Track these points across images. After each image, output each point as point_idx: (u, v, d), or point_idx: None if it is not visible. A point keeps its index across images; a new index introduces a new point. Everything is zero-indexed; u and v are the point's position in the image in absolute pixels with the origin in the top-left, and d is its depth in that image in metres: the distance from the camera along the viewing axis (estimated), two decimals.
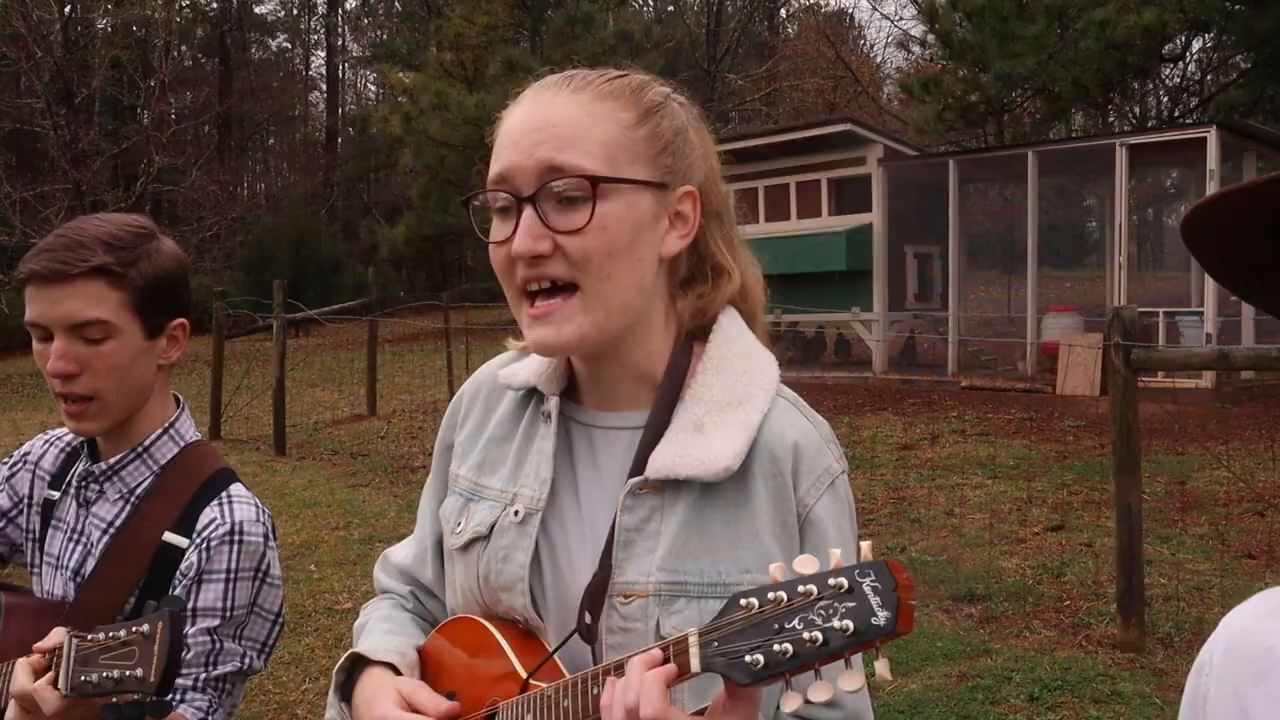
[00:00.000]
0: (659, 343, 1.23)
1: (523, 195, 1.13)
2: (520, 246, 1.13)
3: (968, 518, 7.15)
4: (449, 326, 13.58)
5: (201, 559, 1.61)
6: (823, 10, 36.02)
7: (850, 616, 0.87)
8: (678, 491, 1.16)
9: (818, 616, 0.88)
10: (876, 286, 14.07)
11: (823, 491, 1.19)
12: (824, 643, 0.87)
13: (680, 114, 1.22)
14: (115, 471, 1.68)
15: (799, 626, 0.89)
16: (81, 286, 1.59)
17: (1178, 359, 6.12)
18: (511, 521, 1.23)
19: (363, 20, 42.11)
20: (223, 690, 1.61)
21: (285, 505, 8.22)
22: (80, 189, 25.27)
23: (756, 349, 1.25)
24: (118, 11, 28.90)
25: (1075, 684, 4.43)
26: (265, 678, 4.74)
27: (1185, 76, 21.92)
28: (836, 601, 0.88)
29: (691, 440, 1.16)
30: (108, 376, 1.62)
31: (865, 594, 0.87)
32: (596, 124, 1.15)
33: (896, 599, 0.86)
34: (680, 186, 1.19)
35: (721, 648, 0.93)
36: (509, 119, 1.19)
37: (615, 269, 1.14)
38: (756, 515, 1.16)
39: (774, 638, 0.89)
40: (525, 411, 1.30)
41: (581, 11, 21.56)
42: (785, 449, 1.18)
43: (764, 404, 1.19)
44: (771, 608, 0.91)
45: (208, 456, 1.73)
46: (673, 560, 1.15)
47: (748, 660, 0.91)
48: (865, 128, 14.73)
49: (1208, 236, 0.86)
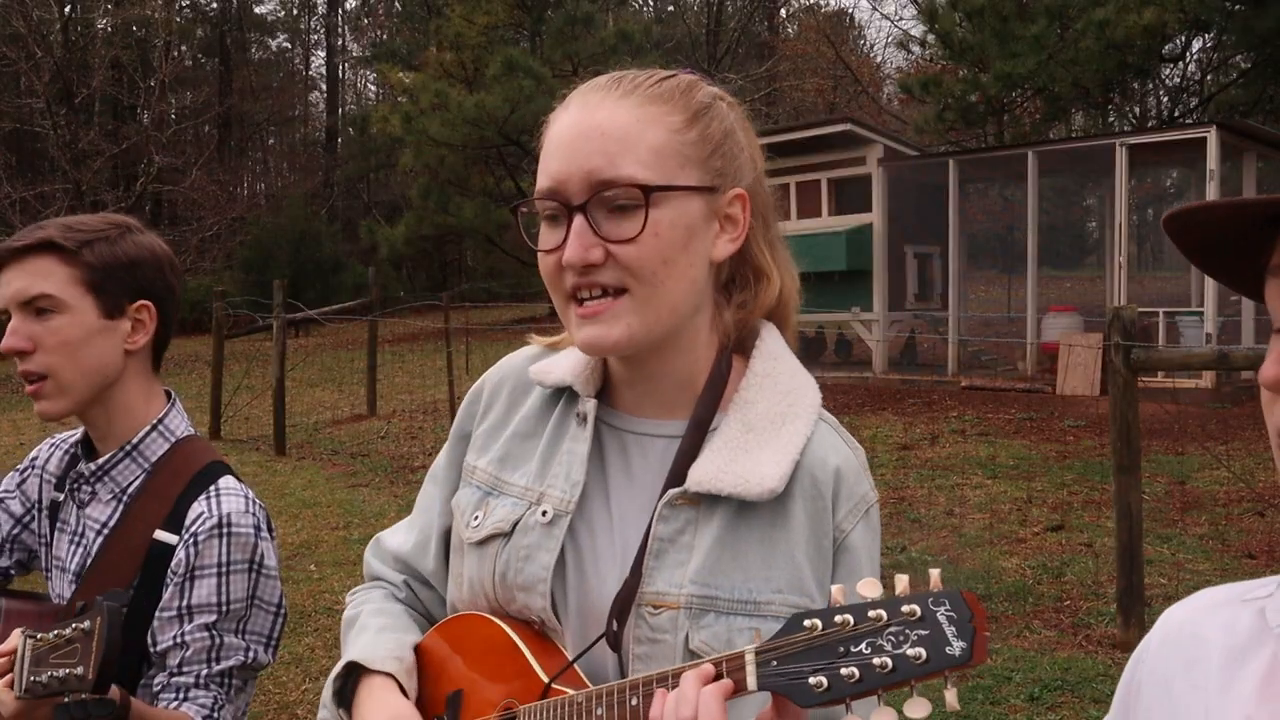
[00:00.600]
0: (703, 350, 1.21)
1: (573, 204, 1.12)
2: (572, 255, 1.11)
3: (968, 518, 7.15)
4: (449, 326, 13.57)
5: (190, 555, 1.58)
6: (823, 10, 36.04)
7: (923, 644, 0.86)
8: (714, 506, 1.15)
9: (887, 643, 0.87)
10: (876, 286, 14.07)
11: (859, 518, 1.20)
12: (893, 669, 0.87)
13: (728, 115, 1.21)
14: (105, 471, 1.67)
15: (867, 651, 0.88)
16: (31, 263, 1.61)
17: (1178, 359, 6.12)
18: (538, 521, 1.20)
19: (363, 20, 42.12)
20: (229, 686, 1.58)
21: (285, 505, 8.22)
22: (80, 189, 25.27)
23: (799, 369, 1.24)
24: (118, 11, 28.86)
25: (1075, 684, 4.43)
26: (265, 678, 4.74)
27: (1185, 76, 21.93)
28: (908, 629, 0.87)
29: (735, 457, 1.14)
30: (59, 353, 1.60)
31: (939, 622, 0.86)
32: (646, 130, 1.13)
33: (972, 630, 0.85)
34: (730, 189, 1.18)
35: (780, 667, 0.92)
36: (557, 124, 1.17)
37: (668, 274, 1.12)
38: (793, 537, 1.15)
39: (840, 661, 0.89)
40: (554, 410, 1.27)
41: (581, 11, 21.55)
42: (827, 473, 1.18)
43: (808, 426, 1.19)
44: (837, 631, 0.90)
45: (199, 451, 1.71)
46: (705, 574, 1.13)
47: (811, 682, 0.90)
48: (865, 128, 14.72)
49: (1190, 232, 0.88)
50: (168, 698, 1.56)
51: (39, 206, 23.95)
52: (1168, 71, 21.79)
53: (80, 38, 28.70)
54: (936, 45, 19.20)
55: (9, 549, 1.78)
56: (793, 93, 33.39)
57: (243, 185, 37.44)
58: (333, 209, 34.93)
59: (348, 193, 36.31)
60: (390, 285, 27.58)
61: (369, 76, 42.30)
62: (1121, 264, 12.87)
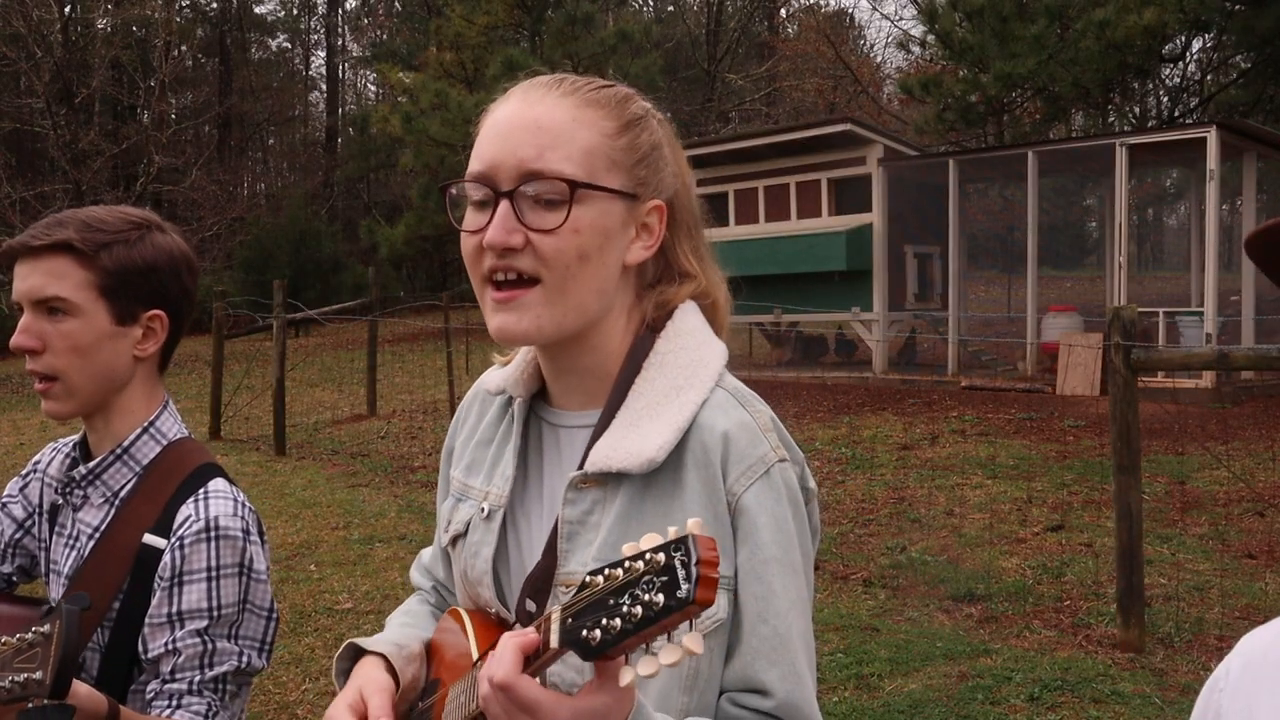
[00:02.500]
0: (618, 343, 1.27)
1: (501, 190, 1.17)
2: (494, 237, 1.16)
3: (968, 518, 7.15)
4: (449, 326, 13.58)
5: (176, 559, 1.56)
6: (823, 10, 35.99)
7: (663, 590, 0.89)
8: (618, 485, 1.20)
9: (642, 591, 0.91)
10: (876, 286, 14.07)
11: (754, 480, 1.19)
12: (642, 617, 0.90)
13: (658, 130, 1.27)
14: (97, 475, 1.65)
15: (627, 602, 0.92)
16: (47, 262, 1.59)
17: (1178, 359, 6.12)
18: (480, 518, 1.31)
19: (363, 20, 42.12)
20: (223, 692, 1.57)
21: (285, 505, 8.22)
22: (80, 189, 25.26)
23: (707, 340, 1.27)
24: (118, 11, 28.84)
25: (1075, 684, 4.43)
26: (265, 678, 4.74)
27: (1185, 76, 21.93)
28: (655, 576, 0.91)
29: (627, 434, 1.20)
30: (68, 356, 1.60)
31: (674, 568, 0.90)
32: (580, 130, 1.19)
33: (698, 572, 0.88)
34: (650, 199, 1.23)
35: (574, 624, 0.96)
36: (496, 113, 1.22)
37: (580, 271, 1.18)
38: (688, 506, 1.18)
39: (608, 612, 0.93)
40: (506, 415, 1.37)
41: (581, 11, 21.54)
42: (715, 438, 1.20)
43: (699, 395, 1.22)
44: (608, 584, 0.94)
45: (190, 453, 1.69)
46: (608, 551, 1.18)
47: (584, 635, 0.94)
48: (865, 128, 14.72)
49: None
50: (161, 705, 1.54)
51: (39, 206, 23.94)
52: (1168, 71, 21.80)
53: (80, 38, 28.69)
54: (936, 45, 19.19)
55: (11, 554, 1.77)
56: (793, 93, 33.39)
57: (243, 185, 37.42)
58: (333, 209, 34.94)
59: (348, 193, 36.31)
60: (390, 285, 27.60)
61: (369, 76, 42.34)
62: (1121, 264, 12.87)
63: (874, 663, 4.71)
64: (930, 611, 5.45)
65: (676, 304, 1.28)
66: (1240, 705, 0.95)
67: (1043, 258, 14.87)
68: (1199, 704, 1.01)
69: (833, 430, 10.27)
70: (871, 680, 4.56)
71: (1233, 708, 0.96)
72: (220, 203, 29.20)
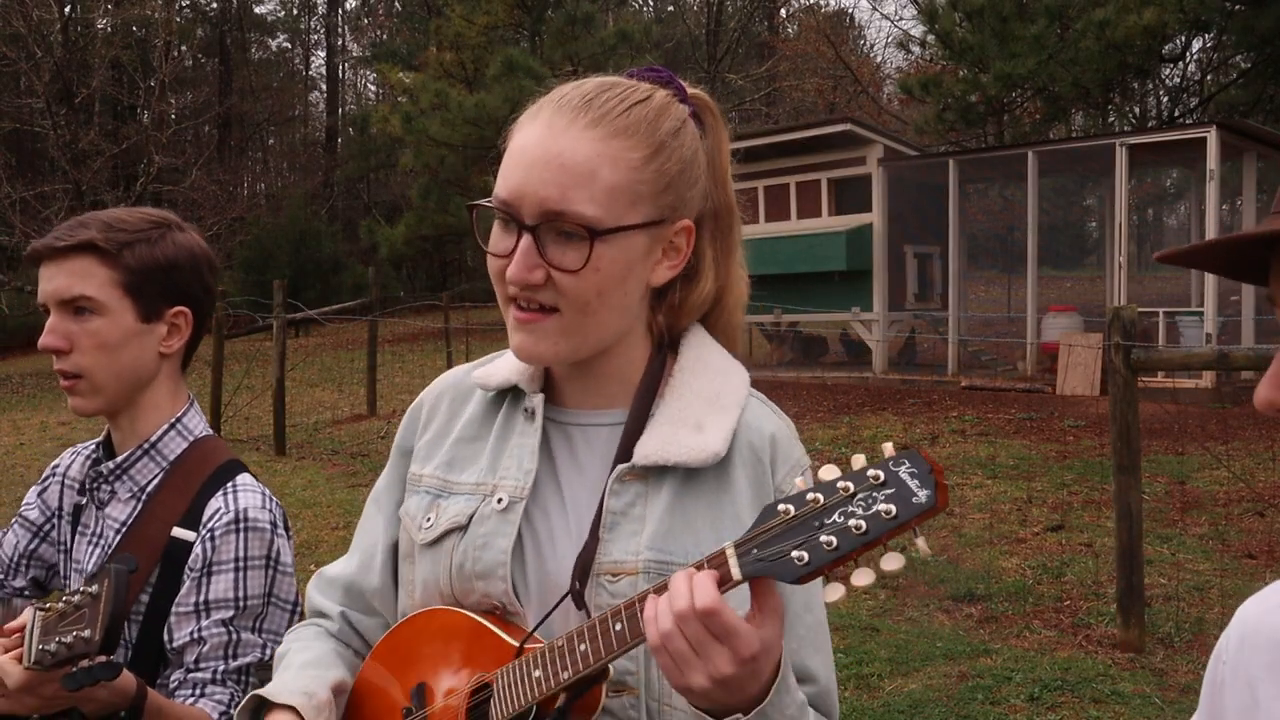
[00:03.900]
0: (637, 350, 1.28)
1: (524, 224, 1.16)
2: (515, 274, 1.17)
3: (968, 518, 7.15)
4: (449, 326, 13.59)
5: (207, 550, 1.59)
6: (823, 10, 36.00)
7: (891, 501, 0.93)
8: (661, 479, 1.22)
9: (858, 508, 0.94)
10: (876, 286, 14.07)
11: (796, 479, 1.22)
12: (866, 530, 0.94)
13: (692, 142, 1.24)
14: (124, 470, 1.68)
15: (841, 520, 0.95)
16: (72, 262, 1.61)
17: (1178, 359, 6.12)
18: (494, 510, 1.26)
19: (363, 20, 42.14)
20: (245, 683, 1.57)
21: (285, 505, 8.14)
22: (80, 189, 25.27)
23: (728, 358, 1.31)
24: (118, 11, 28.84)
25: (1075, 684, 4.43)
26: None
27: (1185, 76, 21.94)
28: (875, 491, 0.94)
29: (676, 431, 1.22)
30: (95, 354, 1.62)
31: (903, 479, 0.94)
32: (604, 167, 1.16)
33: (934, 479, 0.93)
34: (678, 220, 1.22)
35: (760, 553, 0.98)
36: (523, 134, 1.20)
37: (600, 305, 1.19)
38: (738, 499, 1.23)
39: (817, 533, 0.95)
40: (499, 411, 1.33)
41: (581, 11, 21.54)
42: (763, 439, 1.26)
43: (741, 399, 1.27)
44: (809, 508, 0.97)
45: (216, 450, 1.72)
46: (660, 540, 1.20)
47: (793, 556, 0.95)
48: (865, 128, 14.73)
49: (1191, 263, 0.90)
50: (184, 693, 1.56)
51: (39, 206, 23.96)
52: (1168, 71, 21.80)
53: (80, 38, 28.69)
54: (936, 45, 19.19)
55: (25, 566, 1.78)
56: (793, 93, 33.38)
57: (243, 185, 37.44)
58: (333, 209, 34.95)
59: (348, 193, 36.32)
60: (390, 285, 27.61)
61: (369, 76, 42.35)
62: (1121, 264, 12.87)
63: (874, 663, 4.72)
64: (930, 611, 5.45)
65: (687, 315, 1.29)
66: (1241, 678, 0.98)
67: (1043, 258, 14.87)
68: (1206, 677, 1.04)
69: (833, 430, 10.27)
70: (871, 680, 4.56)
71: (1233, 680, 0.99)
72: (220, 203, 29.18)
